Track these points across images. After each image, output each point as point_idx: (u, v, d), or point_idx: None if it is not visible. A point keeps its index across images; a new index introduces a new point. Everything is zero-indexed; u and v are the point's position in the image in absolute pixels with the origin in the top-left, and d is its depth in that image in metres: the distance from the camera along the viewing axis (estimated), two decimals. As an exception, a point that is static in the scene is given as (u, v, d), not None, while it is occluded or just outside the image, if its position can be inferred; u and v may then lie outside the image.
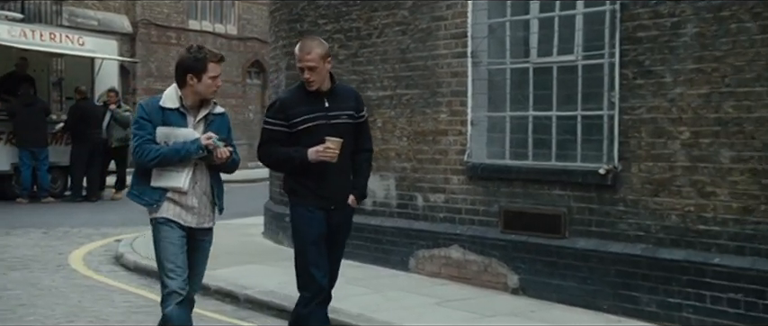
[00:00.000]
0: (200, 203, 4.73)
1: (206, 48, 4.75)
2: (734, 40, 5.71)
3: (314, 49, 4.80)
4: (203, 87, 4.63)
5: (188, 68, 4.62)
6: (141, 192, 4.73)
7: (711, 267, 5.80)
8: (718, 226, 5.82)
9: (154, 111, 4.65)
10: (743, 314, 5.62)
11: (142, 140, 4.60)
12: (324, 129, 4.80)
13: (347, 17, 8.69)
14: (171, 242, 4.69)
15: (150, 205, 4.71)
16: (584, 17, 6.77)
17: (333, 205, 4.92)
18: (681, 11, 6.00)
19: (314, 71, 4.78)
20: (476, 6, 7.48)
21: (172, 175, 4.64)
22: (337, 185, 4.92)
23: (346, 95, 5.03)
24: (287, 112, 4.85)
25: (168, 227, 4.69)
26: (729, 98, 5.75)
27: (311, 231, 4.88)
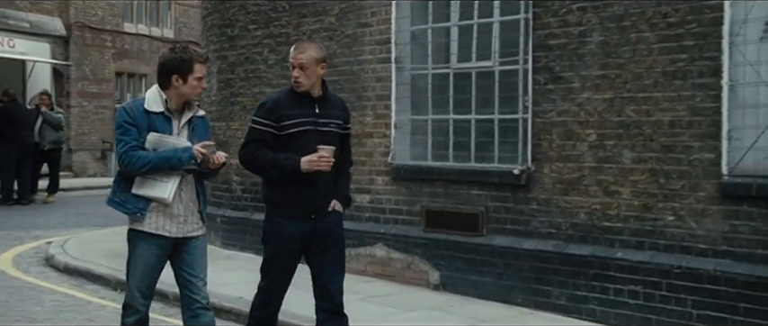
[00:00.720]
0: (186, 210, 4.54)
1: (191, 47, 4.60)
2: (634, 48, 6.10)
3: (307, 50, 4.70)
4: (189, 89, 4.46)
5: (173, 69, 4.43)
6: (124, 199, 4.47)
7: (615, 262, 6.17)
8: (621, 223, 6.20)
9: (139, 115, 4.43)
10: (642, 305, 6.01)
11: (129, 147, 4.37)
12: (312, 135, 4.65)
13: (277, 23, 8.92)
14: (144, 260, 4.51)
15: (134, 214, 4.46)
16: (501, 25, 7.12)
17: (314, 214, 4.75)
18: (587, 20, 6.37)
19: (304, 71, 4.65)
20: (399, 13, 7.78)
21: (156, 184, 4.43)
22: (319, 194, 4.75)
23: (336, 103, 4.91)
24: (279, 112, 4.67)
25: (146, 245, 4.48)
26: (631, 103, 6.14)
27: (281, 247, 4.77)
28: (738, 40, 5.60)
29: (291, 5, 8.75)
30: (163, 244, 4.51)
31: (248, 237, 9.17)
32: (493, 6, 7.17)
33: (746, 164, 5.60)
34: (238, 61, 9.47)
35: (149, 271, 4.53)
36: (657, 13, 5.97)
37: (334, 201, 4.83)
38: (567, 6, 6.48)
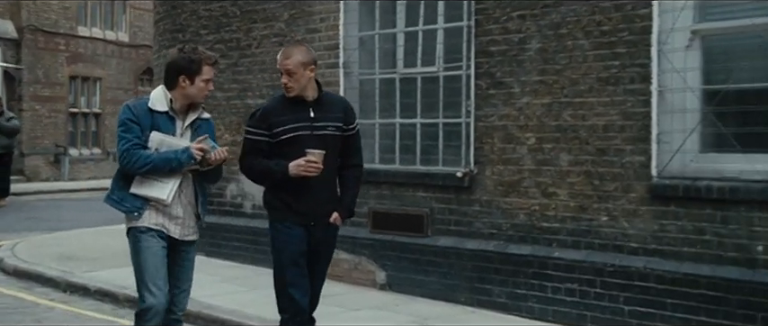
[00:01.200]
0: (184, 212, 4.48)
1: (200, 48, 4.55)
2: (570, 55, 6.35)
3: (294, 55, 4.58)
4: (195, 90, 4.40)
5: (181, 70, 4.39)
6: (121, 198, 4.40)
7: (552, 261, 6.41)
8: (559, 223, 6.44)
9: (142, 113, 4.37)
10: (578, 302, 6.25)
11: (130, 144, 4.32)
12: (308, 140, 4.53)
13: (228, 28, 9.04)
14: (153, 253, 4.37)
15: (131, 212, 4.39)
16: (445, 32, 7.33)
17: (312, 221, 4.63)
18: (526, 28, 6.61)
19: (292, 76, 4.55)
20: (347, 20, 7.96)
21: (155, 184, 4.37)
22: (318, 200, 4.63)
23: (334, 105, 4.75)
24: (269, 120, 4.59)
25: (150, 236, 4.37)
26: (567, 108, 6.38)
27: (290, 250, 4.62)
28: (666, 48, 5.87)
29: (242, 11, 8.88)
30: (165, 237, 4.42)
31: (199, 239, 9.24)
32: (437, 13, 7.38)
33: (674, 166, 5.86)
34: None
35: (160, 262, 4.39)
36: (592, 22, 6.22)
37: (335, 213, 4.70)
38: (508, 14, 6.71)
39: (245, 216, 8.91)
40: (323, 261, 4.84)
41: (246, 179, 8.83)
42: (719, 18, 5.82)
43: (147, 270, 4.38)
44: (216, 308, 6.67)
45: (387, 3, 7.78)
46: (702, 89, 5.81)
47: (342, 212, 4.75)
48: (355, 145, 4.84)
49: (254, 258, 8.67)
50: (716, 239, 5.62)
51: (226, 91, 9.06)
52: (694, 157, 5.84)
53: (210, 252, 9.03)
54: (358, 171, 4.89)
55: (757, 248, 5.43)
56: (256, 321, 6.44)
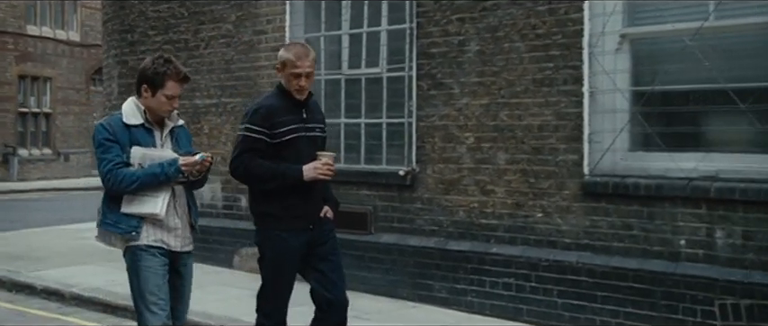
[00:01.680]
0: (182, 223, 4.35)
1: (174, 62, 4.34)
2: (507, 57, 6.57)
3: (311, 55, 4.52)
4: (155, 104, 4.24)
5: (145, 79, 4.25)
6: (116, 220, 4.22)
7: (490, 256, 6.62)
8: (496, 220, 6.66)
9: (119, 130, 4.21)
10: (514, 296, 6.47)
11: (113, 165, 4.15)
12: (302, 141, 4.47)
13: (176, 29, 9.13)
14: (153, 272, 4.22)
15: (129, 233, 4.21)
16: (388, 34, 7.51)
17: (312, 224, 4.54)
18: (465, 30, 6.81)
19: (310, 78, 4.50)
20: (293, 21, 8.10)
21: (146, 199, 4.20)
22: (316, 203, 4.58)
23: (316, 107, 4.74)
24: (273, 119, 4.41)
25: (150, 254, 4.23)
26: (504, 108, 6.60)
27: (285, 261, 4.51)
28: (597, 51, 6.11)
29: (190, 12, 8.97)
30: (165, 253, 4.28)
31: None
32: (381, 15, 7.56)
33: (605, 165, 6.11)
34: (138, 66, 9.59)
35: (161, 280, 4.25)
36: (527, 25, 6.45)
37: (326, 207, 4.63)
38: (448, 17, 6.91)
39: (193, 215, 8.99)
40: (333, 260, 4.63)
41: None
42: (647, 22, 6.07)
43: (147, 289, 4.22)
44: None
45: (332, 5, 7.94)
46: (631, 90, 6.06)
47: (332, 206, 4.69)
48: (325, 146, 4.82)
49: (204, 257, 8.66)
50: (643, 234, 5.88)
51: (174, 91, 9.13)
52: (624, 155, 6.09)
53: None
54: None
55: (680, 242, 5.69)
56: (203, 317, 6.56)
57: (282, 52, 4.53)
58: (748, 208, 5.40)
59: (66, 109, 24.50)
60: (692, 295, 5.58)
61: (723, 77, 5.56)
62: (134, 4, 9.60)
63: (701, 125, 5.82)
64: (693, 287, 5.58)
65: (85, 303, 7.30)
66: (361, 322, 6.49)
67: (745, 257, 5.42)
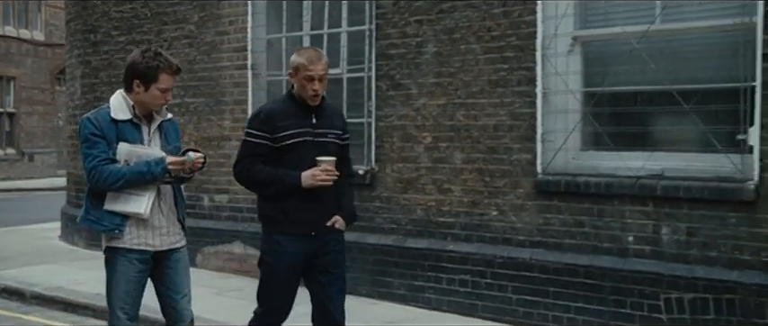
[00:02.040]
0: (167, 221, 4.27)
1: (164, 54, 4.26)
2: (463, 58, 6.71)
3: (324, 59, 4.39)
4: (149, 98, 4.16)
5: (136, 74, 4.15)
6: (99, 217, 4.15)
7: (447, 253, 6.76)
8: (453, 218, 6.80)
9: (105, 125, 4.11)
10: (470, 292, 6.62)
11: (98, 161, 4.06)
12: (309, 147, 4.31)
13: (139, 30, 9.17)
14: (126, 279, 4.19)
15: (111, 231, 4.14)
16: (348, 35, 7.63)
17: (314, 231, 4.39)
18: (423, 32, 6.95)
19: (322, 82, 4.34)
20: (255, 23, 8.19)
21: (131, 198, 4.13)
22: (322, 209, 4.40)
23: (333, 113, 4.58)
24: (274, 123, 4.31)
25: (127, 260, 4.17)
26: (461, 108, 6.75)
27: (280, 265, 4.40)
28: (549, 53, 6.28)
29: (153, 13, 9.03)
30: (144, 259, 4.22)
31: (111, 238, 9.38)
32: (341, 17, 7.68)
33: (557, 163, 6.28)
34: (101, 66, 9.66)
35: (133, 288, 4.21)
36: (483, 27, 6.60)
37: (336, 217, 4.45)
38: (406, 19, 7.05)
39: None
40: (335, 273, 4.50)
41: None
42: (597, 25, 6.25)
43: (117, 295, 4.21)
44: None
45: (293, 6, 8.05)
46: (582, 91, 6.23)
47: (344, 216, 4.49)
48: (348, 154, 4.64)
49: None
50: (593, 231, 6.05)
51: (137, 91, 9.19)
52: (575, 154, 6.26)
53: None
54: (351, 179, 4.75)
55: (628, 238, 5.87)
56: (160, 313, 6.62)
57: (295, 57, 4.42)
58: (692, 205, 5.58)
59: (30, 109, 24.32)
60: (640, 290, 5.76)
61: (668, 79, 5.74)
62: (97, 4, 9.63)
63: (648, 125, 6.00)
64: (640, 282, 5.76)
65: (47, 301, 7.33)
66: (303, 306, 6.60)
67: (688, 252, 5.60)
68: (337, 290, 4.51)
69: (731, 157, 5.46)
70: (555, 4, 6.26)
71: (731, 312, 5.37)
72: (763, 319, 5.25)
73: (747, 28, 5.36)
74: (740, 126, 5.43)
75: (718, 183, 5.47)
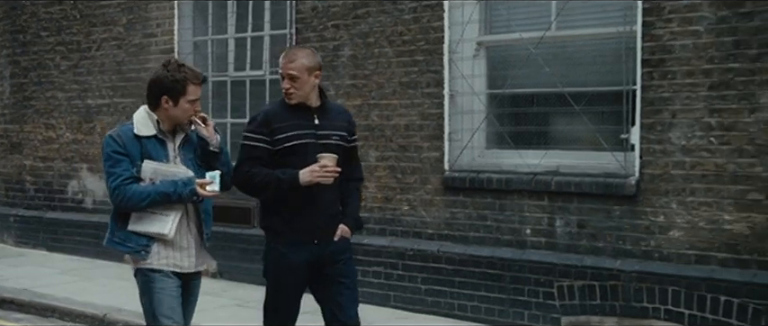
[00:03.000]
0: (195, 241, 4.15)
1: (187, 65, 4.12)
2: (377, 61, 7.07)
3: (298, 58, 4.17)
4: (180, 112, 4.01)
5: (164, 90, 3.98)
6: (124, 238, 4.01)
7: (362, 247, 7.09)
8: (368, 213, 7.14)
9: (129, 142, 3.96)
10: (383, 283, 6.98)
11: (121, 180, 3.91)
12: (312, 149, 4.14)
13: (68, 31, 9.35)
14: (169, 294, 4.02)
15: (137, 252, 4.00)
16: (270, 38, 7.94)
17: (316, 239, 4.21)
18: (340, 36, 7.29)
19: (295, 82, 4.14)
20: (181, 25, 8.45)
21: (155, 217, 3.98)
22: (324, 215, 4.22)
23: (338, 114, 4.38)
24: (272, 125, 4.16)
25: (164, 275, 4.01)
26: (375, 109, 7.10)
27: (284, 276, 4.27)
28: (456, 57, 6.66)
29: (82, 15, 9.22)
30: (178, 277, 4.09)
31: (41, 235, 9.55)
32: (264, 21, 7.98)
33: (463, 161, 6.66)
34: (31, 66, 9.81)
35: (175, 302, 4.04)
36: (395, 32, 6.96)
37: (341, 226, 4.28)
38: (324, 24, 7.38)
39: (86, 212, 9.25)
40: (345, 283, 4.29)
41: (87, 176, 9.21)
42: (500, 31, 6.65)
43: (162, 313, 4.00)
44: (48, 297, 7.05)
45: (219, 10, 8.32)
46: (486, 93, 6.64)
47: (349, 224, 4.32)
48: (356, 157, 4.49)
49: (98, 252, 8.99)
50: (495, 225, 6.45)
51: (67, 91, 9.38)
52: (480, 152, 6.66)
53: (52, 247, 9.36)
54: (359, 184, 4.56)
55: (526, 231, 6.28)
56: (89, 307, 6.87)
57: None
58: (582, 199, 6.01)
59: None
60: (536, 279, 6.17)
61: (562, 82, 6.17)
62: (26, 5, 9.78)
63: (545, 125, 6.42)
64: (537, 272, 6.17)
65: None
66: (243, 310, 6.93)
67: (579, 243, 6.03)
68: (349, 299, 4.29)
69: (616, 154, 5.89)
70: (461, 10, 6.64)
71: (615, 298, 5.81)
72: (640, 303, 5.69)
73: (629, 36, 5.80)
74: (623, 126, 5.86)
75: (605, 179, 5.91)
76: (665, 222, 5.64)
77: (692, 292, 5.49)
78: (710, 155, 5.46)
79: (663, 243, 5.65)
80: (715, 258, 5.45)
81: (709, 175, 5.46)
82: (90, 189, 9.22)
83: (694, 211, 5.52)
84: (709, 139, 5.46)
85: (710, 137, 5.45)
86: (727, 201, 5.39)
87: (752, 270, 5.31)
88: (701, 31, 5.45)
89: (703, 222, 5.49)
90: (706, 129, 5.47)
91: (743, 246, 5.34)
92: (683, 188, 5.57)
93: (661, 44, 5.62)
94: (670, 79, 5.60)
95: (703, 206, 5.49)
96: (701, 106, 5.48)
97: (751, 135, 5.30)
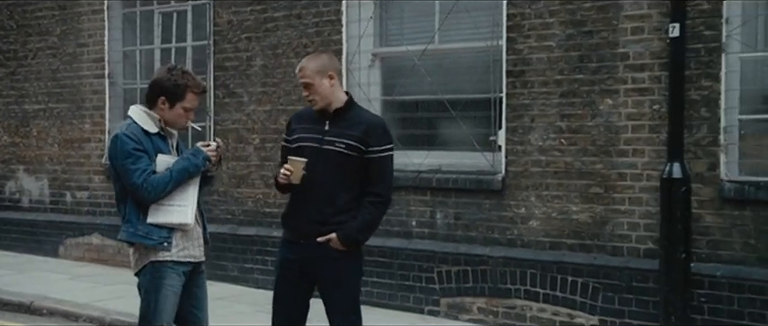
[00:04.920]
0: (200, 231, 4.30)
1: (191, 73, 4.22)
2: (285, 70, 7.78)
3: (306, 65, 4.22)
4: (172, 116, 4.12)
5: (163, 91, 4.08)
6: (148, 232, 4.07)
7: (272, 239, 7.79)
8: (277, 208, 7.83)
9: (143, 138, 4.07)
10: (289, 271, 7.69)
11: (147, 175, 3.99)
12: (314, 153, 4.13)
13: (5, 40, 9.95)
14: (174, 292, 4.13)
15: (160, 244, 4.06)
16: (192, 49, 8.62)
17: (302, 239, 4.23)
18: (252, 47, 8.00)
19: (310, 88, 4.19)
20: (111, 36, 9.11)
21: (173, 209, 4.07)
22: (308, 217, 4.19)
23: (357, 123, 4.20)
24: (292, 126, 4.34)
25: (175, 274, 4.12)
26: (283, 114, 7.80)
27: (277, 269, 4.41)
28: (353, 67, 7.40)
29: (18, 25, 9.82)
30: (187, 271, 4.21)
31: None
32: (186, 33, 8.66)
33: (360, 161, 7.40)
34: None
35: (177, 302, 4.18)
36: (300, 44, 7.68)
37: (331, 235, 4.17)
38: (238, 36, 8.09)
39: (23, 210, 9.85)
40: (335, 297, 4.24)
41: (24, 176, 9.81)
42: (392, 44, 7.41)
43: (166, 310, 4.10)
44: None
45: (146, 22, 8.99)
46: (381, 100, 7.38)
47: (340, 234, 4.16)
48: (377, 171, 4.22)
49: (32, 247, 9.63)
50: (386, 218, 7.08)
51: (4, 97, 9.99)
52: (375, 153, 7.39)
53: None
54: (377, 200, 4.24)
55: (412, 223, 7.04)
56: (15, 296, 7.49)
57: None
58: (458, 194, 6.78)
59: None
60: (419, 265, 6.92)
61: (441, 90, 6.94)
62: (-33, 15, 10.36)
63: (428, 128, 7.18)
64: (420, 259, 6.92)
65: None
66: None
67: (456, 233, 6.80)
68: (334, 311, 4.25)
69: (486, 154, 6.67)
70: (357, 25, 7.38)
71: (484, 281, 6.58)
72: (505, 284, 6.47)
73: (496, 50, 6.59)
74: (492, 129, 6.64)
75: (477, 176, 6.69)
76: (525, 214, 6.43)
77: (546, 273, 6.28)
78: (561, 154, 6.25)
79: (524, 232, 6.44)
80: (565, 244, 6.25)
81: (560, 171, 6.26)
82: (26, 189, 9.82)
83: (549, 203, 6.31)
84: (560, 140, 6.26)
85: (561, 138, 6.25)
86: (574, 194, 6.19)
87: (593, 253, 6.12)
88: (553, 47, 6.25)
89: (556, 213, 6.28)
90: (558, 131, 6.26)
91: (586, 233, 6.15)
92: (540, 183, 6.36)
93: (522, 57, 6.41)
94: (529, 88, 6.39)
95: (556, 199, 6.28)
96: (553, 112, 6.28)
97: (593, 137, 6.11)
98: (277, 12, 7.80)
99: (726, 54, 5.58)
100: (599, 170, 6.09)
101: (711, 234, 5.64)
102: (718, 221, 5.61)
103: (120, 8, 9.16)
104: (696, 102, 5.67)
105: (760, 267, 5.45)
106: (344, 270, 4.25)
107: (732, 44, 5.58)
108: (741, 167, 5.62)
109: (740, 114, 5.60)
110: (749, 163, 5.62)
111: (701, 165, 5.66)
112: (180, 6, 8.70)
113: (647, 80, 5.86)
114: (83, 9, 9.28)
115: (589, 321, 6.08)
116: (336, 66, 4.32)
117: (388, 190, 4.32)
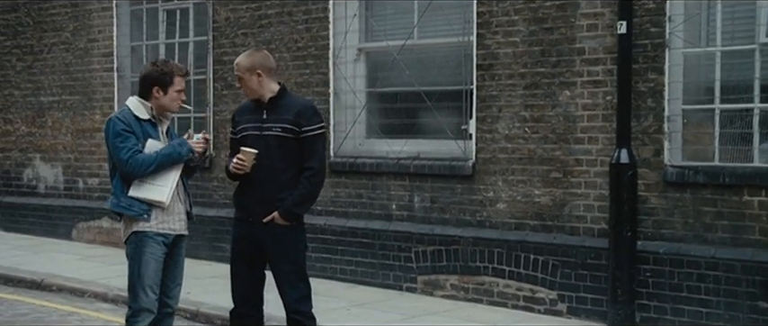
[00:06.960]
0: (182, 207, 4.74)
1: (171, 62, 4.89)
2: (277, 64, 8.17)
3: (240, 62, 4.75)
4: (168, 101, 4.64)
5: (154, 81, 4.61)
6: (130, 204, 4.58)
7: (266, 222, 8.36)
8: (271, 193, 8.40)
9: (133, 122, 4.58)
10: (281, 252, 8.24)
11: (132, 152, 4.49)
12: (254, 140, 4.64)
13: (23, 35, 10.58)
14: (155, 259, 4.59)
15: (140, 215, 4.55)
16: (194, 44, 9.18)
17: (250, 217, 4.71)
18: (247, 42, 8.53)
19: (241, 81, 4.74)
20: (120, 32, 9.70)
21: (154, 188, 4.56)
22: (256, 197, 4.68)
23: (290, 108, 4.69)
24: (236, 119, 4.86)
25: (155, 242, 4.58)
26: (276, 105, 8.34)
27: (233, 243, 4.88)
28: (339, 61, 7.92)
29: (35, 21, 10.45)
30: (167, 242, 4.65)
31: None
32: (189, 29, 9.23)
33: (346, 148, 7.93)
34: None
35: (159, 268, 4.62)
36: (291, 40, 8.21)
37: (274, 213, 4.63)
38: (235, 32, 8.63)
39: (39, 195, 10.50)
40: (283, 270, 4.69)
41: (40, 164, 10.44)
42: (376, 40, 7.92)
43: (147, 275, 4.56)
44: None
45: (152, 19, 9.56)
46: (365, 91, 7.90)
47: (280, 211, 4.62)
48: (310, 148, 4.67)
49: (47, 231, 10.28)
50: (369, 201, 7.71)
51: (22, 90, 10.62)
52: (361, 141, 7.93)
53: (8, 227, 10.60)
54: (309, 173, 4.67)
55: (392, 206, 7.56)
56: (27, 274, 8.11)
57: None
58: (434, 180, 7.29)
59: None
60: (399, 245, 7.44)
61: (418, 82, 7.44)
62: (-15, 12, 11.01)
63: (406, 118, 7.69)
64: (399, 239, 7.44)
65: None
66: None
67: (431, 215, 7.31)
68: (282, 281, 4.69)
69: (458, 142, 7.17)
70: (344, 21, 7.90)
71: (456, 259, 7.10)
72: (475, 262, 6.98)
73: (467, 45, 7.08)
74: (464, 118, 7.14)
75: (450, 162, 7.19)
76: (493, 197, 6.93)
77: (511, 252, 6.78)
78: (525, 142, 6.74)
79: (492, 214, 6.94)
80: (528, 225, 6.74)
81: (524, 158, 6.75)
82: (42, 176, 10.46)
83: (514, 187, 6.80)
84: (524, 129, 6.75)
85: (525, 127, 6.74)
86: (537, 179, 6.68)
87: (553, 234, 6.61)
88: (518, 42, 6.73)
89: (520, 197, 6.78)
90: (522, 121, 6.75)
91: (547, 214, 6.64)
92: (506, 169, 6.85)
93: (490, 52, 6.90)
94: (497, 81, 6.87)
95: (520, 184, 6.77)
96: (518, 103, 6.76)
97: (553, 126, 6.59)
98: (270, 9, 8.33)
99: (669, 49, 6.04)
100: (558, 156, 6.57)
101: (656, 215, 6.11)
102: (661, 203, 6.09)
103: (127, 6, 9.75)
104: (643, 93, 6.13)
105: (698, 244, 5.92)
106: (288, 243, 4.71)
107: (675, 40, 6.04)
108: (683, 152, 6.08)
109: (683, 104, 6.06)
110: (691, 149, 6.09)
111: (647, 151, 6.14)
112: (183, 4, 9.27)
113: (601, 73, 6.33)
114: (93, 6, 9.88)
115: (548, 296, 6.58)
116: (267, 64, 4.80)
117: (319, 163, 4.76)
